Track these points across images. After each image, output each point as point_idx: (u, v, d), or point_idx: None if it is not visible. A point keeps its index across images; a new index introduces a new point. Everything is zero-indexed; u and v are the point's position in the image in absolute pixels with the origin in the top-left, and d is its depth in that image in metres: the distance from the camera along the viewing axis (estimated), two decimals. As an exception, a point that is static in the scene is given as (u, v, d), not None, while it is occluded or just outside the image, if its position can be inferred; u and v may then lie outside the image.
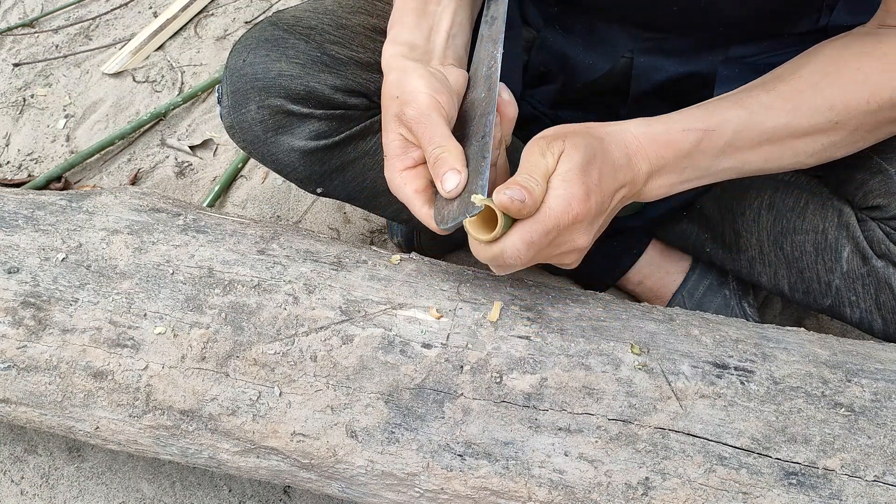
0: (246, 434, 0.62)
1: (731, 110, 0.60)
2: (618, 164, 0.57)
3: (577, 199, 0.54)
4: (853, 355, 0.60)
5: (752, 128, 0.60)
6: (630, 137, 0.59)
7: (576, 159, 0.55)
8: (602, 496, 0.56)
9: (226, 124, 0.74)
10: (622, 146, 0.58)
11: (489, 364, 0.59)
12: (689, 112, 0.61)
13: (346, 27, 0.73)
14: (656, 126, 0.60)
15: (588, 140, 0.56)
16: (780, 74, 0.63)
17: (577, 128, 0.59)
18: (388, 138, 0.60)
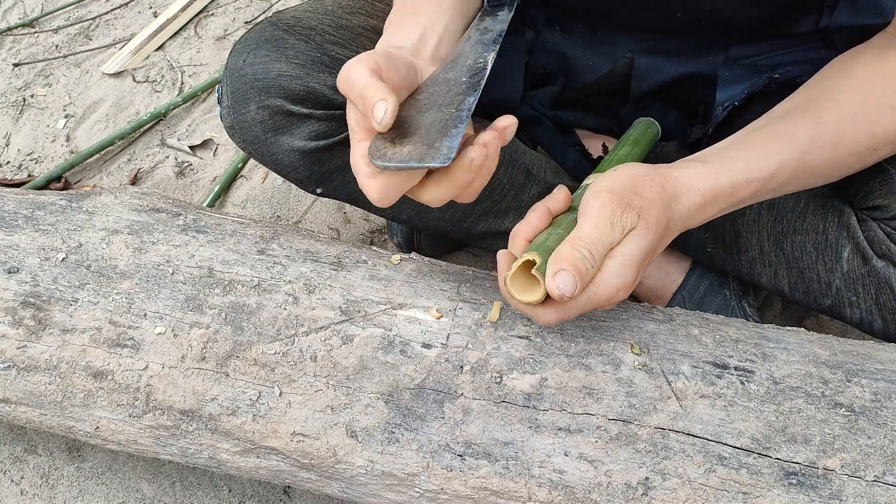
0: (246, 434, 0.62)
1: (787, 150, 0.59)
2: (679, 226, 0.57)
3: (628, 287, 0.53)
4: (853, 355, 0.60)
5: (802, 168, 0.59)
6: (698, 198, 0.57)
7: (643, 244, 0.53)
8: (602, 496, 0.56)
9: (226, 124, 0.74)
10: (687, 207, 0.57)
11: (489, 364, 0.59)
12: (746, 154, 0.59)
13: (346, 28, 0.73)
14: (722, 180, 0.57)
15: (659, 215, 0.54)
16: (817, 98, 0.62)
17: (653, 193, 0.55)
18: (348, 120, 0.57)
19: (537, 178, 0.81)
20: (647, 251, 0.53)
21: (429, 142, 0.51)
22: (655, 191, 0.55)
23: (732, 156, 0.58)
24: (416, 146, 0.51)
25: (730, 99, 0.75)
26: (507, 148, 0.81)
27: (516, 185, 0.81)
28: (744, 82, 0.75)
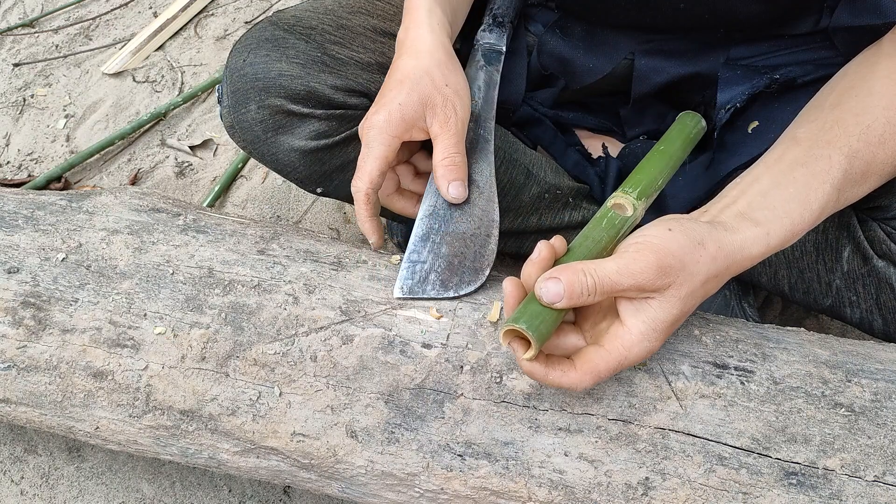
0: (246, 434, 0.62)
1: (825, 193, 0.57)
2: (718, 288, 0.55)
3: (654, 351, 0.53)
4: (853, 355, 0.60)
5: (837, 204, 0.59)
6: (748, 264, 0.55)
7: (672, 312, 0.52)
8: (602, 496, 0.56)
9: (226, 124, 0.74)
10: (735, 271, 0.55)
11: (489, 364, 0.59)
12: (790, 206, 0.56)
13: (347, 27, 0.73)
14: (773, 242, 0.55)
15: (695, 290, 0.52)
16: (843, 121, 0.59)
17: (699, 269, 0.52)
18: (405, 100, 0.61)
19: (537, 177, 0.81)
20: (674, 320, 0.52)
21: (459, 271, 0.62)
22: (703, 265, 0.52)
23: (778, 210, 0.56)
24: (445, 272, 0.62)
25: (731, 101, 0.75)
26: (507, 148, 0.81)
27: (516, 185, 0.81)
28: (744, 83, 0.75)
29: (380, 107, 0.62)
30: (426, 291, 0.60)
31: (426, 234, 0.62)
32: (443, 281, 0.61)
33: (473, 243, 0.62)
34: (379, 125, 0.61)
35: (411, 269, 0.61)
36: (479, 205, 0.63)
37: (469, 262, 0.61)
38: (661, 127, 0.87)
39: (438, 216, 0.63)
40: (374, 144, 0.61)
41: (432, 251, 0.62)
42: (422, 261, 0.61)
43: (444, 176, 0.61)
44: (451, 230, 0.62)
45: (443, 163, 0.61)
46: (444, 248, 0.61)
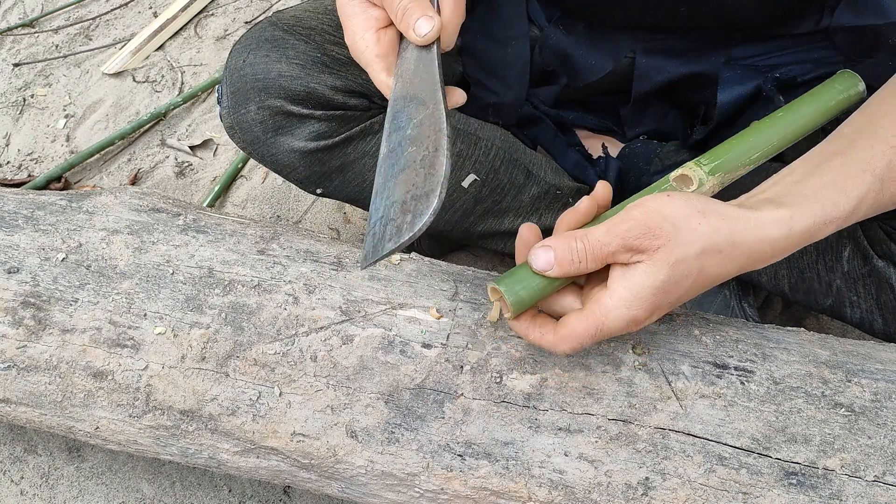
0: (246, 434, 0.62)
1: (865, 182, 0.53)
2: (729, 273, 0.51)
3: (638, 321, 0.50)
4: (853, 355, 0.60)
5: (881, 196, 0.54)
6: (766, 248, 0.51)
7: (654, 279, 0.48)
8: (602, 496, 0.56)
9: (226, 125, 0.74)
10: (747, 255, 0.51)
11: (489, 364, 0.59)
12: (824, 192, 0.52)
13: None
14: (796, 227, 0.51)
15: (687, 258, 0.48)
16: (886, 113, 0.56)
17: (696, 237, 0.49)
18: (346, 3, 0.56)
19: (537, 177, 0.81)
20: (658, 288, 0.48)
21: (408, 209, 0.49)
22: (700, 234, 0.49)
23: (808, 195, 0.52)
24: None
25: (731, 101, 0.75)
26: (507, 147, 0.81)
27: (516, 185, 0.81)
28: (744, 83, 0.75)
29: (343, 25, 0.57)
30: (385, 248, 0.49)
31: (382, 184, 0.53)
32: (398, 226, 0.49)
33: (423, 166, 0.50)
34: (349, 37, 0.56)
35: (371, 230, 0.51)
36: (424, 124, 0.53)
37: (421, 189, 0.49)
38: (661, 127, 0.87)
39: (392, 157, 0.53)
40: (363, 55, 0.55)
41: (385, 199, 0.51)
42: (379, 217, 0.51)
43: (406, 27, 0.53)
44: (402, 165, 0.52)
45: (396, 18, 0.54)
46: (397, 189, 0.51)
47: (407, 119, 0.53)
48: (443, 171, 0.49)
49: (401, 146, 0.53)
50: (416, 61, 0.56)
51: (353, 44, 0.56)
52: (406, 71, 0.56)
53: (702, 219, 0.49)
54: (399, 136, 0.54)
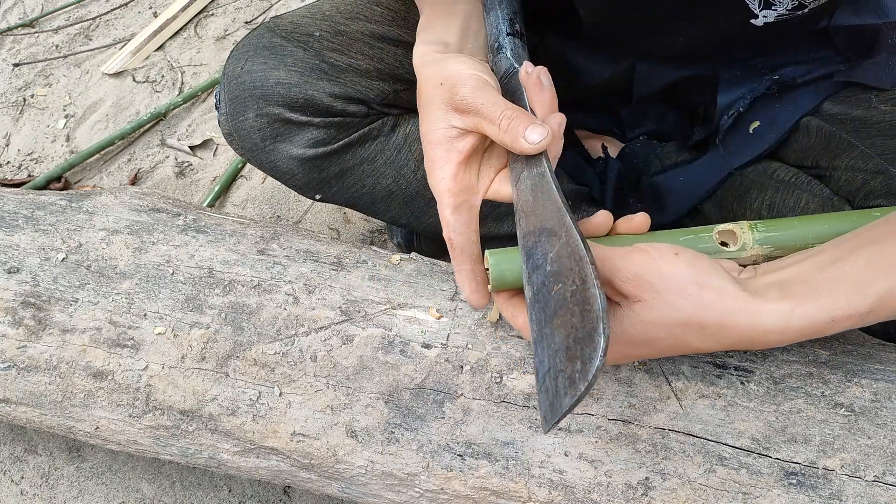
0: (246, 434, 0.62)
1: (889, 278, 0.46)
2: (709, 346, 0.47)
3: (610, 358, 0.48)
4: (853, 355, 0.60)
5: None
6: (758, 335, 0.46)
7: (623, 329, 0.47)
8: (602, 496, 0.56)
9: (224, 131, 0.74)
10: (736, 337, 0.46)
11: (489, 364, 0.59)
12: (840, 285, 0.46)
13: (345, 33, 0.73)
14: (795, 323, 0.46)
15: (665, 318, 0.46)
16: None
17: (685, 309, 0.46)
18: (430, 126, 0.55)
19: None
20: (624, 338, 0.47)
21: None
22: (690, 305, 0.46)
23: (822, 287, 0.47)
24: None
25: (731, 103, 0.75)
26: None
27: None
28: (744, 84, 0.75)
29: (424, 154, 0.56)
30: (564, 405, 0.44)
31: (538, 332, 0.48)
32: (569, 377, 0.44)
33: (575, 303, 0.46)
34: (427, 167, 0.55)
35: (543, 386, 0.47)
36: (562, 256, 0.48)
37: (581, 330, 0.45)
38: (661, 127, 0.87)
39: (540, 299, 0.49)
40: (434, 188, 0.54)
41: (547, 348, 0.47)
42: (546, 370, 0.47)
43: (513, 140, 0.51)
44: (553, 308, 0.47)
45: (500, 135, 0.51)
46: (556, 335, 0.46)
47: (543, 255, 0.50)
48: (598, 305, 0.44)
49: (545, 286, 0.49)
50: (532, 190, 0.53)
51: (430, 171, 0.55)
52: (526, 203, 0.53)
53: (696, 290, 0.46)
54: (540, 275, 0.49)
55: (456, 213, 0.54)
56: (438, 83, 0.55)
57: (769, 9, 0.62)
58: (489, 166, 0.57)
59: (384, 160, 0.75)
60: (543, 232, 0.50)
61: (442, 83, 0.55)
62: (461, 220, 0.54)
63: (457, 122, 0.54)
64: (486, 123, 0.52)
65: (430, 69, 0.57)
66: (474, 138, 0.54)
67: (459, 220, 0.54)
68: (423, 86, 0.57)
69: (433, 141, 0.54)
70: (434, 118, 0.54)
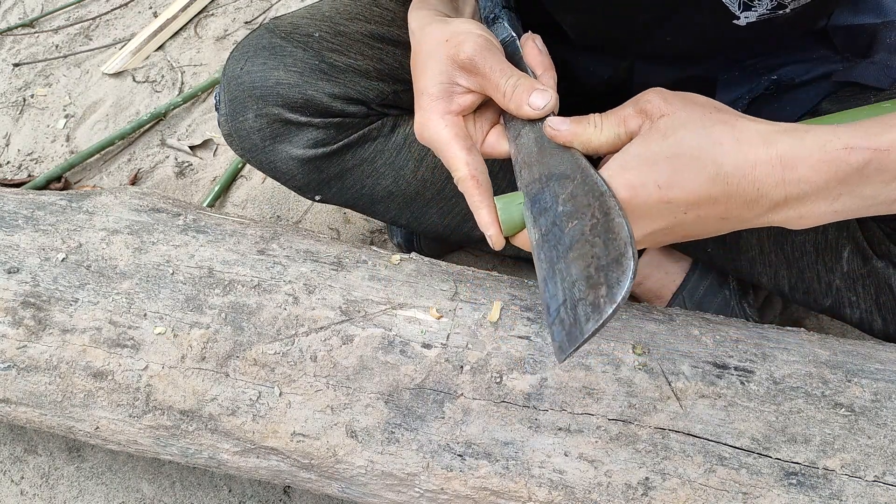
0: (246, 434, 0.62)
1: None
2: (722, 177, 0.45)
3: (623, 185, 0.47)
4: (853, 355, 0.60)
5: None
6: (761, 155, 0.45)
7: (654, 146, 0.47)
8: (602, 496, 0.56)
9: (223, 131, 0.74)
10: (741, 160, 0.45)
11: (489, 364, 0.59)
12: (857, 125, 0.46)
13: (344, 34, 0.73)
14: (809, 139, 0.45)
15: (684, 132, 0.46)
16: None
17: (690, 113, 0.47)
18: (430, 80, 0.55)
19: None
20: (647, 157, 0.47)
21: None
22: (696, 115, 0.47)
23: (834, 126, 0.46)
24: None
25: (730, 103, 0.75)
26: None
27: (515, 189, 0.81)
28: (743, 85, 0.75)
29: (416, 109, 0.56)
30: (585, 330, 0.44)
31: (549, 269, 0.49)
32: (592, 303, 0.45)
33: (596, 234, 0.46)
34: (421, 123, 0.55)
35: (557, 318, 0.47)
36: (578, 195, 0.49)
37: (605, 258, 0.45)
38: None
39: (549, 240, 0.50)
40: (436, 137, 0.54)
41: (560, 282, 0.48)
42: (560, 302, 0.47)
43: (518, 105, 0.52)
44: (567, 243, 0.48)
45: (505, 100, 0.53)
46: (572, 268, 0.47)
47: (552, 198, 0.51)
48: (625, 232, 0.45)
49: (556, 225, 0.49)
50: (537, 142, 0.54)
51: (426, 122, 0.55)
52: (528, 155, 0.54)
53: (714, 110, 0.47)
54: (549, 217, 0.50)
55: (471, 153, 0.54)
56: (444, 39, 0.55)
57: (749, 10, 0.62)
58: (483, 121, 0.58)
59: (384, 161, 0.76)
60: (552, 177, 0.51)
61: (448, 39, 0.55)
62: (478, 159, 0.54)
63: (461, 80, 0.55)
64: (491, 88, 0.53)
65: (434, 27, 0.57)
66: (475, 97, 0.55)
67: (478, 160, 0.54)
68: (424, 41, 0.57)
69: (433, 94, 0.55)
70: (436, 72, 0.55)
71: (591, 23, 0.72)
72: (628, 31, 0.71)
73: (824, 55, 0.73)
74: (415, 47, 0.60)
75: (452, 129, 0.54)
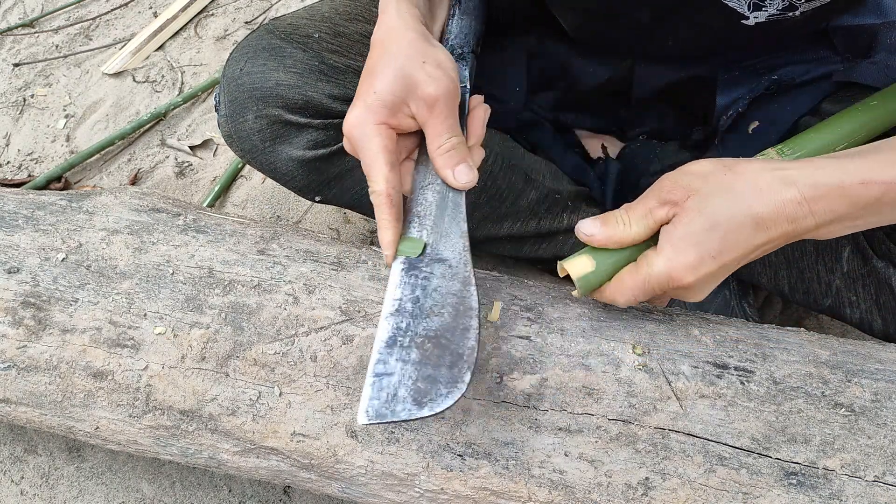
0: (246, 434, 0.62)
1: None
2: (763, 224, 0.51)
3: (684, 269, 0.51)
4: (853, 355, 0.60)
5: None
6: (789, 196, 0.50)
7: (695, 224, 0.51)
8: (602, 496, 0.56)
9: (223, 133, 0.74)
10: (773, 205, 0.50)
11: (489, 364, 0.59)
12: (864, 157, 0.51)
13: (344, 35, 0.73)
14: (826, 176, 0.50)
15: (715, 202, 0.51)
16: None
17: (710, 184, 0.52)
18: (386, 86, 0.55)
19: (536, 182, 0.81)
20: (694, 234, 0.51)
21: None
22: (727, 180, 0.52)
23: (847, 157, 0.52)
24: None
25: (731, 104, 0.75)
26: (506, 152, 0.81)
27: (515, 191, 0.80)
28: (743, 85, 0.75)
29: (355, 101, 0.56)
30: (396, 413, 0.47)
31: (392, 337, 0.51)
32: (415, 397, 0.48)
33: (449, 341, 0.50)
34: (359, 119, 0.55)
35: (377, 384, 0.49)
36: (452, 289, 0.52)
37: (445, 367, 0.49)
38: (661, 127, 0.87)
39: (405, 312, 0.52)
40: (366, 140, 0.55)
41: (400, 359, 0.50)
42: (388, 373, 0.49)
43: (445, 165, 0.55)
44: (420, 329, 0.51)
45: (438, 152, 0.55)
46: (414, 352, 0.50)
47: (427, 275, 0.54)
48: (472, 359, 0.49)
49: (416, 305, 0.52)
50: (439, 206, 0.57)
51: (359, 124, 0.55)
52: (426, 208, 0.57)
53: (725, 170, 0.52)
54: (415, 290, 0.53)
55: (393, 170, 0.55)
56: (421, 60, 0.56)
57: (759, 10, 0.62)
58: (402, 146, 0.59)
59: None
60: (434, 252, 0.55)
61: (424, 62, 0.56)
62: (397, 179, 0.55)
63: (414, 106, 0.56)
64: (432, 132, 0.56)
65: (416, 38, 0.58)
66: (414, 124, 0.57)
67: (397, 178, 0.55)
68: (398, 42, 0.57)
69: (384, 100, 0.55)
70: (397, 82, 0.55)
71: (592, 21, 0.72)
72: (629, 31, 0.71)
73: (824, 55, 0.73)
74: (384, 36, 0.59)
75: (384, 141, 0.55)
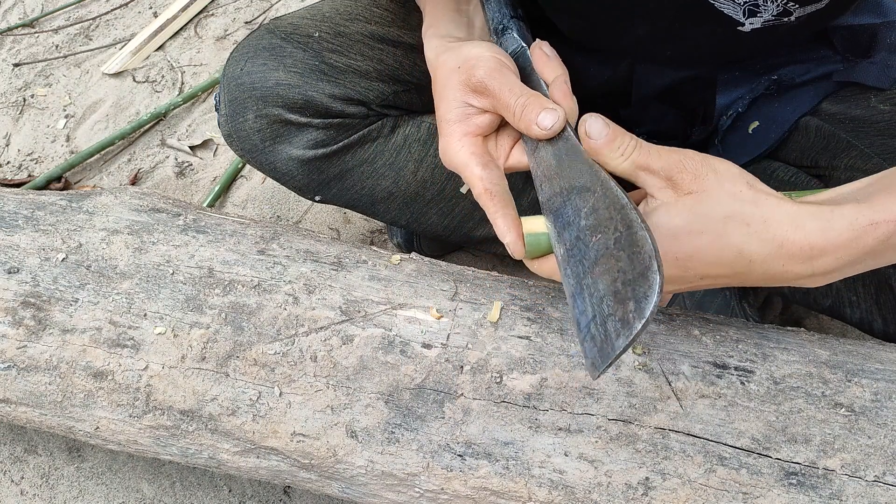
0: (246, 434, 0.62)
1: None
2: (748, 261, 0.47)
3: None
4: (853, 355, 0.60)
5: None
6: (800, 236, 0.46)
7: (679, 219, 0.48)
8: (602, 496, 0.56)
9: (223, 132, 0.74)
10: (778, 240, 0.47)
11: (489, 364, 0.59)
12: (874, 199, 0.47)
13: (344, 35, 0.73)
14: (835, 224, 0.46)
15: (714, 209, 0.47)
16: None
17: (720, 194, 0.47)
18: (447, 107, 0.56)
19: None
20: (672, 231, 0.48)
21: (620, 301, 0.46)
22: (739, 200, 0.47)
23: (858, 197, 0.48)
24: None
25: (731, 104, 0.75)
26: None
27: (515, 190, 0.80)
28: (743, 85, 0.75)
29: (439, 136, 0.57)
30: (616, 347, 0.44)
31: (577, 284, 0.49)
32: (622, 318, 0.45)
33: (621, 248, 0.46)
34: (444, 147, 0.56)
35: (588, 335, 0.47)
36: (599, 208, 0.49)
37: (631, 272, 0.45)
38: (660, 127, 0.87)
39: (575, 254, 0.50)
40: (457, 159, 0.55)
41: (589, 297, 0.48)
42: (590, 318, 0.47)
43: (527, 126, 0.52)
44: (593, 257, 0.48)
45: (514, 119, 0.53)
46: (599, 283, 0.47)
47: (574, 211, 0.51)
48: (649, 245, 0.44)
49: (580, 240, 0.50)
50: (556, 155, 0.54)
51: (447, 146, 0.55)
52: (547, 169, 0.54)
53: (747, 187, 0.48)
54: (573, 231, 0.50)
55: (486, 168, 0.54)
56: (456, 66, 0.56)
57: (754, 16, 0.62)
58: (505, 138, 0.58)
59: (383, 161, 0.76)
60: (573, 190, 0.51)
61: (459, 66, 0.56)
62: (494, 173, 0.54)
63: (474, 101, 0.55)
64: (502, 108, 0.54)
65: (447, 55, 0.58)
66: (491, 117, 0.56)
67: (493, 174, 0.54)
68: (439, 70, 0.58)
69: (451, 119, 0.55)
70: (451, 99, 0.55)
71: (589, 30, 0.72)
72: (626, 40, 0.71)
73: (824, 55, 0.73)
74: (432, 76, 0.60)
75: (469, 149, 0.55)
